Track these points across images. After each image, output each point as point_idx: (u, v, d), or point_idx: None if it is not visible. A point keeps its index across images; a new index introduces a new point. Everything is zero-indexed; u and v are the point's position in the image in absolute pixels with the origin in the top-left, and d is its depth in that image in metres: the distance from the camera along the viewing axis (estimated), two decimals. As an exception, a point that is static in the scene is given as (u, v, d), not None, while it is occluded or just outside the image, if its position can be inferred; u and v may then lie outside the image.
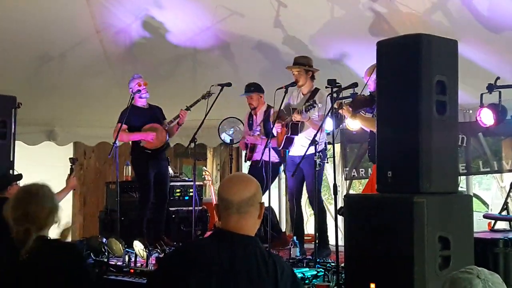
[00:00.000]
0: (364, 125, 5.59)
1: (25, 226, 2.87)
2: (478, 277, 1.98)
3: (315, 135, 5.44)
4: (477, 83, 5.81)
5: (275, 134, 6.29)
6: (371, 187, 5.64)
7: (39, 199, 2.96)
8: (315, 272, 5.04)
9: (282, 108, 6.24)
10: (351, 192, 9.44)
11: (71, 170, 5.78)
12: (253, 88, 6.85)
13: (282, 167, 6.98)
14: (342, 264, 4.42)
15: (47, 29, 7.31)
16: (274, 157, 6.45)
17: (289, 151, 6.34)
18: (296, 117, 6.01)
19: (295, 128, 6.15)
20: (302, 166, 5.82)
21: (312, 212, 6.14)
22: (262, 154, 6.09)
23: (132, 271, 5.40)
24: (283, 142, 6.25)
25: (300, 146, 6.16)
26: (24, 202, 2.94)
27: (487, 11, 5.88)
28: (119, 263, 5.63)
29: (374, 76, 5.28)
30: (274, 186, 8.24)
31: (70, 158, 6.00)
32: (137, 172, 7.08)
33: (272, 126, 6.19)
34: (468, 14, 5.99)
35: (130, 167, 7.77)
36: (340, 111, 5.45)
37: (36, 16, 7.08)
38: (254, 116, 6.98)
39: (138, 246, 5.72)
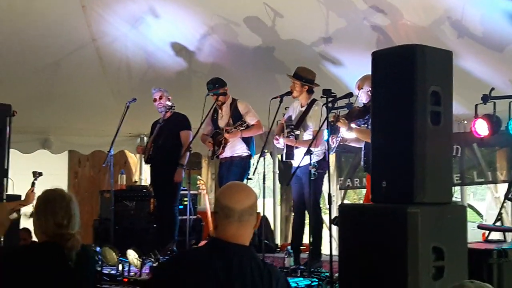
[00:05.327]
0: (360, 137, 5.58)
1: None
2: None
3: (310, 145, 5.43)
4: (471, 94, 5.82)
5: (281, 147, 6.15)
6: (368, 197, 5.63)
7: None
8: (309, 282, 5.03)
9: (283, 121, 6.19)
10: (345, 202, 9.43)
11: (33, 184, 5.47)
12: (218, 85, 6.59)
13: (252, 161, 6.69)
14: (336, 274, 4.41)
15: (43, 37, 7.32)
16: (244, 151, 6.51)
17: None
18: (287, 141, 6.01)
19: (290, 152, 6.07)
20: (302, 176, 5.81)
21: (307, 222, 6.10)
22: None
23: (125, 280, 5.40)
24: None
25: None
26: None
27: (481, 26, 5.92)
28: (112, 272, 5.62)
29: (366, 87, 5.31)
30: (269, 196, 8.20)
31: (33, 172, 5.67)
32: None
33: (277, 140, 6.10)
34: (462, 29, 6.02)
35: (124, 175, 7.74)
36: (337, 123, 5.45)
37: (32, 23, 7.08)
38: (220, 111, 6.69)
39: (132, 255, 5.70)
